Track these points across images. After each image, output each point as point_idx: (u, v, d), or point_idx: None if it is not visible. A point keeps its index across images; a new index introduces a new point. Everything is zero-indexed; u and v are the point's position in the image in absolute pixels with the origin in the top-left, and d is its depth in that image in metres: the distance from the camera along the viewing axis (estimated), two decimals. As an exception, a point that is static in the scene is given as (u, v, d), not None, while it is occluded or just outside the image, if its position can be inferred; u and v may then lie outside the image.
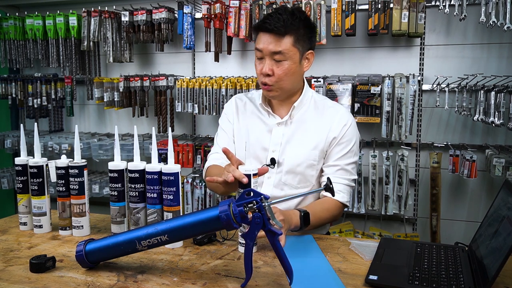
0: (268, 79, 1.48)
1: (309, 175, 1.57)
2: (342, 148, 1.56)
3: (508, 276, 1.09)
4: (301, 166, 1.55)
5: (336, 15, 2.54)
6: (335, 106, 1.63)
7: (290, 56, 1.47)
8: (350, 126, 1.57)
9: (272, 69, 1.47)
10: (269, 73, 1.47)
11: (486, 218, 1.21)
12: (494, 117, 2.22)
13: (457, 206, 2.68)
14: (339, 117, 1.57)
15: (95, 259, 1.12)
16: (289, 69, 1.48)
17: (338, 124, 1.56)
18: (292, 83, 1.53)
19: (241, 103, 1.69)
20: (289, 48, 1.46)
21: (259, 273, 1.10)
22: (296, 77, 1.53)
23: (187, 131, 3.19)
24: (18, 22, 3.18)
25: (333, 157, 1.56)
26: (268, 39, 1.46)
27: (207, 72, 3.04)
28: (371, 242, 1.32)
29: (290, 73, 1.49)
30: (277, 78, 1.48)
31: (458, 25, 2.56)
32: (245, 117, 1.65)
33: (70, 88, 3.20)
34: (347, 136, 1.56)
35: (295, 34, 1.46)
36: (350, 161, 1.57)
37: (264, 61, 1.48)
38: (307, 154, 1.55)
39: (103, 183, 3.06)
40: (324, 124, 1.57)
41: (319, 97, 1.66)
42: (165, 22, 2.84)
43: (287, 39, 1.45)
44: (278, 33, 1.44)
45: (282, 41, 1.45)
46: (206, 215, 1.03)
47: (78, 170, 1.36)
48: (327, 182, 1.12)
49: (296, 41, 1.47)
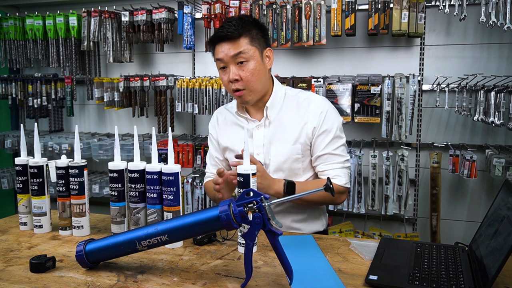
0: (238, 84, 1.52)
1: (296, 168, 1.61)
2: (325, 136, 1.58)
3: (508, 276, 1.09)
4: (287, 162, 1.59)
5: (336, 15, 2.54)
6: (309, 97, 1.65)
7: (251, 55, 1.51)
8: (327, 113, 1.59)
9: (238, 74, 1.51)
10: (237, 78, 1.51)
11: (486, 218, 1.21)
12: (494, 117, 2.22)
13: (457, 206, 2.68)
14: (314, 106, 1.60)
15: (95, 259, 1.12)
16: (254, 68, 1.51)
17: (314, 114, 1.58)
18: (261, 82, 1.56)
19: (221, 117, 1.75)
20: (247, 48, 1.50)
21: (259, 273, 1.10)
22: (263, 76, 1.56)
23: (187, 131, 3.19)
24: (18, 22, 3.18)
25: (319, 146, 1.58)
26: (226, 46, 1.51)
27: (207, 72, 3.04)
28: (371, 242, 1.32)
29: (256, 72, 1.52)
30: (246, 80, 1.51)
31: (458, 25, 2.56)
32: (227, 129, 1.71)
33: (70, 88, 3.20)
34: (326, 123, 1.58)
35: (249, 34, 1.51)
36: (336, 145, 1.59)
37: (228, 69, 1.52)
38: (290, 150, 1.58)
39: (103, 183, 3.06)
40: (300, 117, 1.60)
41: (292, 91, 1.68)
42: (165, 22, 2.84)
43: (242, 40, 1.50)
44: (232, 37, 1.50)
45: (238, 43, 1.50)
46: (206, 215, 1.03)
47: (78, 170, 1.36)
48: (327, 182, 1.12)
49: (251, 40, 1.52)
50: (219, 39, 1.51)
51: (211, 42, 1.56)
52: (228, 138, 1.69)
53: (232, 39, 1.49)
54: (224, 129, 1.72)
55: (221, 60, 1.52)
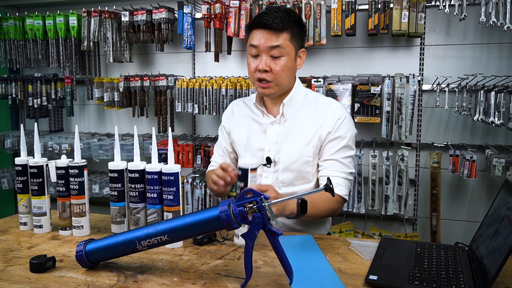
0: (266, 75, 1.49)
1: (305, 171, 1.57)
2: (337, 143, 1.55)
3: (508, 276, 1.09)
4: (297, 163, 1.56)
5: (336, 15, 2.54)
6: (328, 102, 1.63)
7: (287, 51, 1.48)
8: (344, 120, 1.57)
9: (269, 65, 1.48)
10: (267, 69, 1.48)
11: (486, 218, 1.21)
12: (494, 117, 2.22)
13: (457, 206, 2.68)
14: (333, 111, 1.57)
15: (95, 259, 1.12)
16: (286, 65, 1.49)
17: (331, 119, 1.56)
18: (288, 79, 1.54)
19: (237, 108, 1.73)
20: (286, 44, 1.48)
21: (259, 273, 1.10)
22: (292, 74, 1.55)
23: (187, 131, 3.19)
24: (18, 22, 3.18)
25: (328, 151, 1.55)
26: (265, 35, 1.47)
27: (207, 72, 3.04)
28: (371, 242, 1.32)
29: (287, 69, 1.50)
30: (275, 74, 1.49)
31: (458, 25, 2.56)
32: (241, 120, 1.68)
33: (70, 88, 3.20)
34: (341, 130, 1.55)
35: (291, 30, 1.49)
36: (346, 155, 1.56)
37: (260, 58, 1.49)
38: (301, 151, 1.56)
39: (103, 183, 3.06)
40: (317, 120, 1.57)
41: (313, 94, 1.67)
42: (165, 22, 2.84)
43: (284, 35, 1.47)
44: (276, 28, 1.46)
45: (280, 36, 1.47)
46: (206, 215, 1.03)
47: (78, 170, 1.36)
48: (327, 182, 1.12)
49: (291, 38, 1.49)
50: (261, 26, 1.47)
51: (250, 26, 1.52)
52: (240, 131, 1.67)
53: (275, 30, 1.46)
54: (238, 121, 1.69)
55: (256, 47, 1.48)
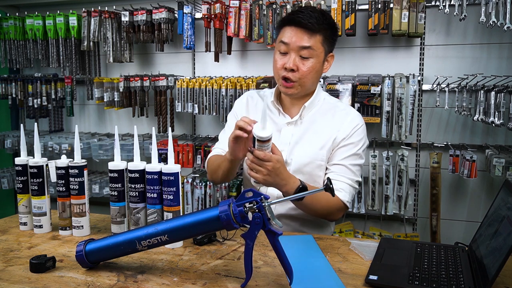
0: (292, 75, 1.46)
1: (317, 175, 1.55)
2: (349, 149, 1.54)
3: (508, 276, 1.09)
4: (309, 166, 1.54)
5: (336, 15, 2.54)
6: (347, 109, 1.62)
7: (317, 54, 1.46)
8: (359, 128, 1.56)
9: (297, 65, 1.45)
10: (294, 68, 1.45)
11: (486, 218, 1.21)
12: (494, 117, 2.22)
13: (457, 206, 2.68)
14: (350, 119, 1.56)
15: (95, 259, 1.12)
16: (313, 67, 1.47)
17: (348, 126, 1.55)
18: (313, 82, 1.52)
19: (252, 101, 1.68)
20: (318, 46, 1.45)
21: (259, 273, 1.10)
22: (317, 77, 1.53)
23: (187, 131, 3.19)
24: (18, 22, 3.18)
25: (339, 156, 1.54)
26: (298, 33, 1.44)
27: (207, 72, 3.04)
28: (371, 242, 1.32)
29: (314, 71, 1.48)
30: (301, 74, 1.46)
31: (458, 25, 2.56)
32: (255, 115, 1.63)
33: (70, 88, 3.20)
34: (355, 137, 1.55)
35: (324, 33, 1.46)
36: (355, 162, 1.55)
37: (289, 56, 1.46)
38: (314, 154, 1.54)
39: (103, 183, 3.06)
40: (333, 125, 1.56)
41: (332, 99, 1.65)
42: (165, 22, 2.84)
43: (317, 36, 1.45)
44: (311, 28, 1.43)
45: (313, 37, 1.44)
46: (206, 215, 1.03)
47: (78, 170, 1.36)
48: (327, 182, 1.12)
49: (324, 40, 1.47)
50: (295, 23, 1.44)
51: (283, 21, 1.48)
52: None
53: (309, 30, 1.43)
54: (253, 113, 1.63)
55: (286, 44, 1.45)
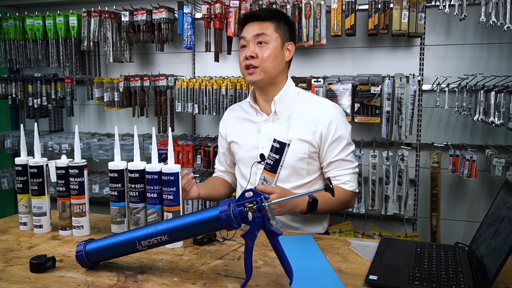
0: (253, 61, 1.59)
1: (300, 168, 1.62)
2: (338, 143, 1.63)
3: (508, 276, 1.09)
4: (291, 159, 1.59)
5: (336, 15, 2.54)
6: (320, 101, 1.70)
7: (272, 39, 1.59)
8: (338, 121, 1.63)
9: (255, 52, 1.59)
10: (253, 55, 1.58)
11: (486, 218, 1.22)
12: (494, 117, 2.22)
13: (457, 206, 2.68)
14: (326, 113, 1.63)
15: (95, 259, 1.12)
16: (271, 51, 1.59)
17: (325, 120, 1.62)
18: (274, 66, 1.61)
19: (233, 113, 1.83)
20: (271, 31, 1.60)
21: (259, 273, 1.10)
22: (278, 62, 1.62)
23: (187, 131, 3.19)
24: (18, 22, 3.18)
25: (333, 153, 1.63)
26: (252, 25, 1.61)
27: (207, 72, 3.04)
28: (371, 242, 1.32)
29: (272, 55, 1.59)
30: (261, 59, 1.58)
31: (458, 25, 2.56)
32: (237, 123, 1.77)
33: (70, 88, 3.20)
34: (339, 130, 1.63)
35: (276, 22, 1.62)
36: (348, 151, 1.65)
37: (247, 47, 1.61)
38: (296, 148, 1.59)
39: (103, 183, 3.06)
40: (310, 118, 1.63)
41: (305, 93, 1.75)
42: (165, 22, 2.84)
43: (269, 24, 1.61)
44: (262, 19, 1.61)
45: (264, 25, 1.60)
46: (206, 215, 1.03)
47: (78, 170, 1.37)
48: (327, 182, 1.13)
49: (277, 28, 1.61)
50: (249, 19, 1.63)
51: (241, 22, 1.67)
52: (237, 133, 1.74)
53: (260, 19, 1.60)
54: (235, 124, 1.77)
55: (244, 38, 1.62)
